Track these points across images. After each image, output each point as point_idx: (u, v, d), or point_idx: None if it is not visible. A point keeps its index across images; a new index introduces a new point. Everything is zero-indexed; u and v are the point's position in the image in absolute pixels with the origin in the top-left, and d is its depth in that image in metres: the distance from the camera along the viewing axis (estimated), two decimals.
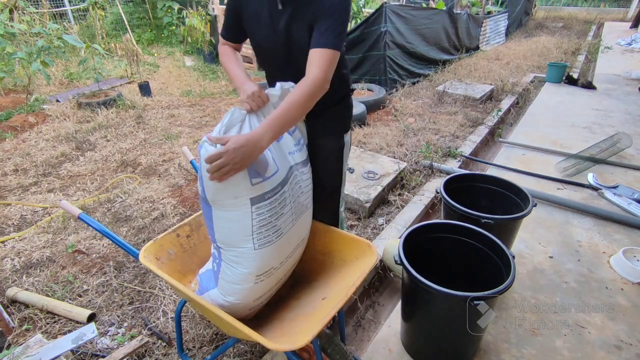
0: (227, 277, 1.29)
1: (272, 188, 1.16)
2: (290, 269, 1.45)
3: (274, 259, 1.26)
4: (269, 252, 1.23)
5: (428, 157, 3.43)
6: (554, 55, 7.84)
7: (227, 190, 1.11)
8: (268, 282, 1.32)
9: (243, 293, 1.28)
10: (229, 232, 1.20)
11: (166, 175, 3.33)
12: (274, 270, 1.30)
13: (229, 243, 1.23)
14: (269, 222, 1.19)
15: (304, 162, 1.36)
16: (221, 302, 1.32)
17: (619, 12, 15.34)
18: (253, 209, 1.14)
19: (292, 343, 1.06)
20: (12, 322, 1.86)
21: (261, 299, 1.37)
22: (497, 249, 1.62)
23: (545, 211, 2.81)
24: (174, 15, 7.76)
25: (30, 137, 4.09)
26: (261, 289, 1.32)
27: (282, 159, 1.24)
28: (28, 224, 2.70)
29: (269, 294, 1.39)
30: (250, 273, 1.24)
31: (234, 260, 1.24)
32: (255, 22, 1.38)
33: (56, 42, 4.47)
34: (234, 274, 1.26)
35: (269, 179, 1.15)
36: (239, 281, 1.26)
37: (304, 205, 1.34)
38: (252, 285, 1.27)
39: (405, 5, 6.50)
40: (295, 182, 1.28)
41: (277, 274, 1.34)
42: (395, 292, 2.27)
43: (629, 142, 3.65)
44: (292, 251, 1.36)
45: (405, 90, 5.53)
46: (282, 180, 1.21)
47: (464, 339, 1.61)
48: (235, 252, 1.23)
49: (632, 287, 2.14)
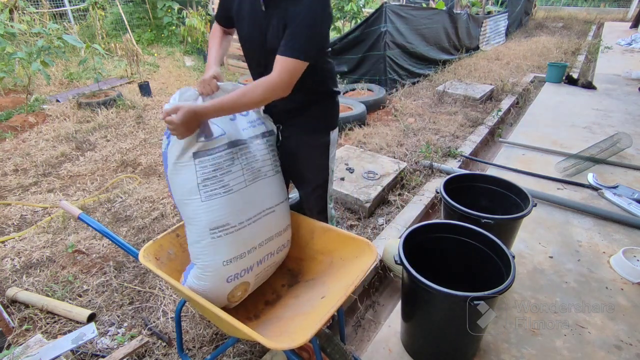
0: (189, 239, 1.36)
1: (215, 146, 1.30)
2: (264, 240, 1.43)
3: (226, 214, 1.31)
4: (218, 205, 1.29)
5: (428, 157, 3.43)
6: (554, 55, 7.84)
7: (177, 144, 1.28)
8: (230, 240, 1.32)
9: (206, 251, 1.32)
10: (179, 187, 1.31)
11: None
12: (232, 228, 1.31)
13: (182, 200, 1.32)
14: (214, 176, 1.29)
15: (259, 135, 1.47)
16: (196, 273, 1.35)
17: (619, 12, 15.34)
18: (196, 161, 1.27)
19: (291, 342, 1.06)
20: (12, 322, 1.86)
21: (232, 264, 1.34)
22: (497, 249, 1.62)
23: (545, 211, 2.81)
24: (174, 15, 7.76)
25: (30, 137, 4.10)
26: (225, 248, 1.31)
27: (232, 129, 1.38)
28: (28, 224, 2.70)
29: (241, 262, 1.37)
30: (204, 226, 1.30)
31: (189, 216, 1.32)
32: (240, 19, 1.45)
33: (56, 42, 4.47)
34: (192, 233, 1.34)
35: (214, 139, 1.30)
36: (197, 237, 1.32)
37: (261, 172, 1.42)
38: (210, 241, 1.30)
39: (405, 5, 6.50)
40: (248, 150, 1.39)
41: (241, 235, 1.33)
42: (395, 292, 2.27)
43: (629, 142, 3.65)
44: (255, 215, 1.37)
45: (405, 90, 5.53)
46: (229, 142, 1.33)
47: (464, 339, 1.61)
48: (188, 208, 1.31)
49: (632, 287, 2.14)
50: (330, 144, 1.63)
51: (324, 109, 1.59)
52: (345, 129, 4.11)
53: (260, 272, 1.49)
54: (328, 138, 1.61)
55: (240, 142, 1.37)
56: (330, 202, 1.81)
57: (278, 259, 1.57)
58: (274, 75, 1.26)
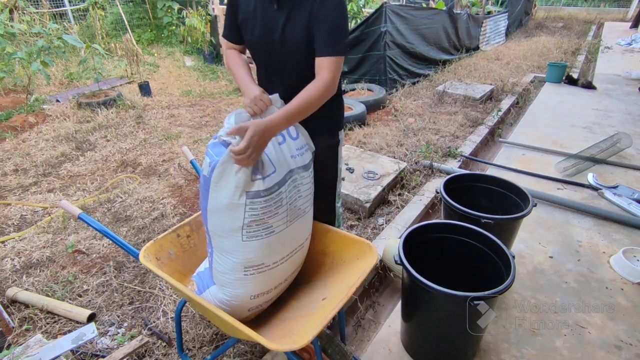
0: (218, 266, 1.34)
1: (268, 187, 1.21)
2: (290, 274, 1.45)
3: (263, 255, 1.29)
4: (257, 247, 1.26)
5: (428, 157, 3.43)
6: (554, 55, 7.84)
7: (233, 177, 1.17)
8: (261, 279, 1.32)
9: (235, 284, 1.31)
10: (221, 220, 1.25)
11: (166, 175, 3.33)
12: (265, 267, 1.30)
13: (220, 232, 1.28)
14: (261, 219, 1.23)
15: (305, 166, 1.39)
16: (220, 297, 1.34)
17: (619, 12, 15.34)
18: (247, 202, 1.20)
19: (292, 343, 1.06)
20: (12, 322, 1.86)
21: (258, 298, 1.36)
22: (497, 249, 1.62)
23: (545, 211, 2.81)
24: (174, 15, 7.76)
25: (30, 137, 4.09)
26: (255, 285, 1.32)
27: (282, 161, 1.29)
28: (28, 224, 2.70)
29: (266, 296, 1.39)
30: (239, 263, 1.28)
31: (224, 249, 1.29)
32: (250, 21, 1.41)
33: (56, 42, 4.47)
34: (224, 263, 1.31)
35: (266, 178, 1.21)
36: (228, 270, 1.31)
37: (301, 209, 1.36)
38: (242, 277, 1.30)
39: (405, 5, 6.50)
40: (294, 186, 1.32)
41: (271, 274, 1.34)
42: (395, 292, 2.27)
43: (629, 142, 3.65)
44: (288, 254, 1.36)
45: (405, 90, 5.53)
46: (279, 181, 1.25)
47: (464, 339, 1.61)
48: (225, 240, 1.27)
49: (632, 287, 2.14)
50: (340, 144, 1.65)
51: (330, 110, 1.57)
52: (345, 129, 4.11)
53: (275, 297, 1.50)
54: (337, 139, 1.62)
55: (287, 178, 1.29)
56: (339, 201, 1.83)
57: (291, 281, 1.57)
58: (325, 75, 1.30)
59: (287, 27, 1.34)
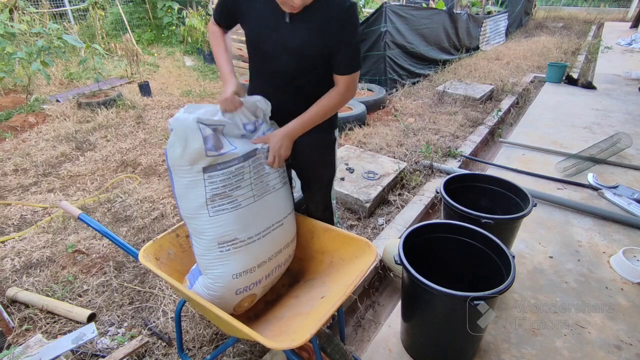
0: (197, 250, 1.36)
1: (225, 161, 1.27)
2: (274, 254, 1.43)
3: (234, 230, 1.30)
4: (226, 221, 1.29)
5: (428, 157, 3.43)
6: (554, 55, 7.84)
7: (185, 154, 1.23)
8: (239, 255, 1.32)
9: (215, 264, 1.32)
10: (187, 200, 1.29)
11: (166, 175, 3.33)
12: (240, 242, 1.31)
13: (190, 213, 1.31)
14: (223, 192, 1.27)
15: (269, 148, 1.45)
16: (205, 282, 1.35)
17: (619, 12, 15.35)
18: (205, 176, 1.25)
19: (291, 342, 1.06)
20: (12, 322, 1.86)
21: (242, 277, 1.34)
22: (497, 249, 1.62)
23: (545, 211, 2.81)
24: (174, 15, 7.77)
25: (30, 137, 4.09)
26: (235, 262, 1.31)
27: (244, 143, 1.35)
28: (28, 224, 2.70)
29: (251, 275, 1.37)
30: (212, 239, 1.30)
31: (197, 229, 1.31)
32: (258, 27, 1.41)
33: (56, 42, 4.47)
34: (200, 245, 1.33)
35: (224, 154, 1.27)
36: (204, 251, 1.32)
37: (269, 185, 1.41)
38: (219, 254, 1.30)
39: (405, 5, 6.49)
40: (259, 163, 1.38)
41: (249, 250, 1.33)
42: (395, 292, 2.27)
43: (629, 142, 3.65)
44: (263, 230, 1.37)
45: (405, 90, 5.53)
46: (241, 156, 1.31)
47: (464, 339, 1.61)
48: (195, 221, 1.30)
49: (632, 287, 2.14)
50: (336, 141, 1.69)
51: None
52: (345, 129, 4.11)
53: (267, 284, 1.50)
54: (333, 137, 1.66)
55: (251, 155, 1.35)
56: (334, 197, 1.86)
57: (284, 269, 1.57)
58: (342, 88, 1.44)
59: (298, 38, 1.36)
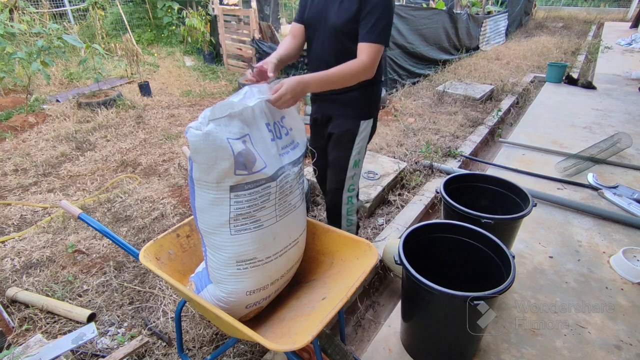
0: (212, 263, 1.34)
1: (254, 180, 1.22)
2: (286, 271, 1.45)
3: (254, 249, 1.28)
4: (247, 240, 1.26)
5: (428, 157, 3.43)
6: (554, 55, 7.84)
7: (213, 173, 1.17)
8: (256, 274, 1.32)
9: (230, 280, 1.31)
10: (209, 216, 1.25)
11: (166, 175, 3.33)
12: (259, 262, 1.30)
13: (210, 228, 1.28)
14: (247, 212, 1.23)
15: (295, 162, 1.39)
16: (217, 294, 1.34)
17: (619, 12, 15.34)
18: (232, 195, 1.20)
19: (292, 343, 1.06)
20: (12, 322, 1.86)
21: (255, 294, 1.35)
22: (497, 249, 1.62)
23: (545, 211, 2.81)
24: (174, 15, 7.76)
25: (30, 137, 4.09)
26: (250, 280, 1.32)
27: (273, 159, 1.29)
28: (28, 224, 2.70)
29: (263, 292, 1.38)
30: (230, 257, 1.28)
31: (215, 245, 1.29)
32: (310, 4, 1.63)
33: (56, 42, 4.46)
34: (216, 259, 1.32)
35: (254, 174, 1.22)
36: (221, 266, 1.31)
37: (291, 205, 1.37)
38: (236, 272, 1.30)
39: (405, 5, 6.49)
40: (286, 182, 1.32)
41: (266, 269, 1.33)
42: (395, 292, 2.27)
43: (629, 142, 3.65)
44: (281, 249, 1.36)
45: (405, 90, 5.53)
46: (269, 176, 1.25)
47: (464, 339, 1.61)
48: (214, 237, 1.28)
49: (632, 287, 2.14)
50: (359, 133, 1.71)
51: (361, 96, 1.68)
52: None
53: (274, 296, 1.51)
54: (358, 126, 1.69)
55: (280, 173, 1.28)
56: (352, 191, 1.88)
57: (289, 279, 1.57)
58: (363, 57, 1.44)
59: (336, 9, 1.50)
